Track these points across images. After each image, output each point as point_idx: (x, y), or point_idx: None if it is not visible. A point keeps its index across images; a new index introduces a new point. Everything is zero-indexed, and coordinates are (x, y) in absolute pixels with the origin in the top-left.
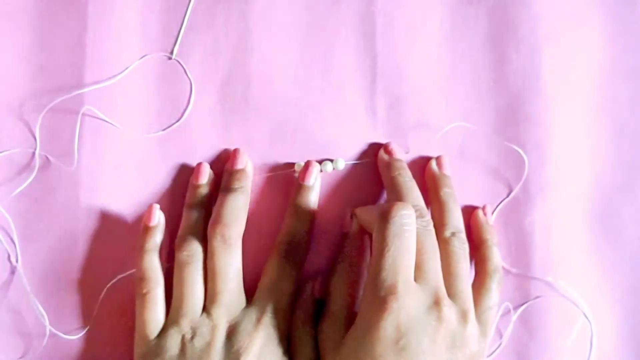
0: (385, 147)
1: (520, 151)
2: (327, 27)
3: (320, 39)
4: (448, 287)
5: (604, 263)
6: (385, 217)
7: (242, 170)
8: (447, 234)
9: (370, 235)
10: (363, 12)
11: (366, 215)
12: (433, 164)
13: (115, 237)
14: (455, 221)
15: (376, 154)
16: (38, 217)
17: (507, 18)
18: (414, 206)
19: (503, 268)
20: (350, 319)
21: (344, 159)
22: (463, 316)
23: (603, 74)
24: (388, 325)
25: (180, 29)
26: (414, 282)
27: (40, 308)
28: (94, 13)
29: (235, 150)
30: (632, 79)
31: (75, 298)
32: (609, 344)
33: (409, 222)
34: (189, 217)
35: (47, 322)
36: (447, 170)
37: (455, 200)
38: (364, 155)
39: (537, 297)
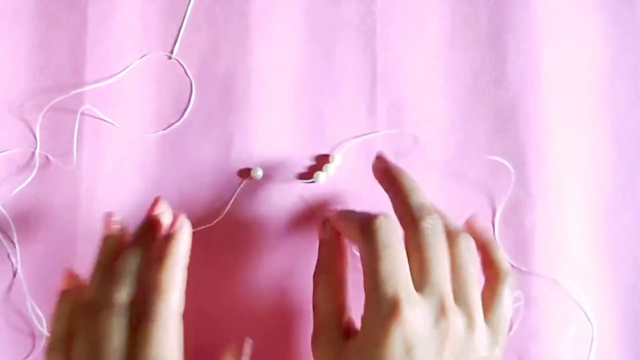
0: (377, 157)
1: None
2: (327, 26)
3: (320, 38)
4: (455, 291)
5: (604, 262)
6: (368, 231)
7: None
8: (453, 234)
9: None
10: (363, 11)
11: (344, 224)
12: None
13: None
14: (450, 219)
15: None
16: (38, 216)
17: (507, 18)
18: (419, 205)
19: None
20: (340, 327)
21: (344, 158)
22: (470, 324)
23: (603, 74)
24: (395, 342)
25: (180, 28)
26: (415, 293)
27: (38, 311)
28: (94, 13)
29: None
30: (632, 79)
31: None
32: (609, 344)
33: (394, 231)
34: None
35: (44, 327)
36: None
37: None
38: (364, 154)
39: (538, 297)
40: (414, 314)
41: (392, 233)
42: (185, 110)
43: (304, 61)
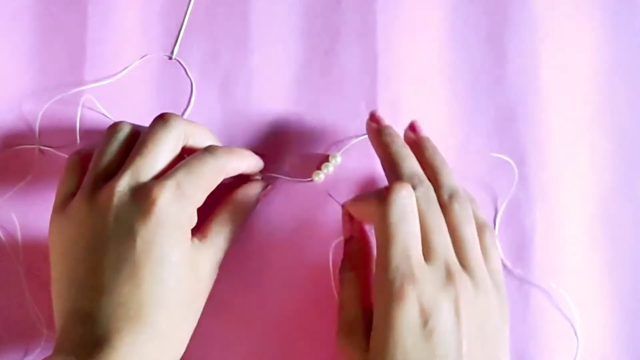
0: (371, 115)
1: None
2: (328, 26)
3: (321, 38)
4: (457, 254)
5: (603, 263)
6: (385, 202)
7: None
8: (445, 197)
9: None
10: (364, 10)
11: (360, 205)
12: (408, 132)
13: None
14: (448, 180)
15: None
16: (38, 214)
17: (507, 18)
18: (411, 173)
19: (505, 267)
20: (366, 330)
21: (343, 157)
22: (477, 283)
23: (603, 74)
24: (411, 313)
25: (180, 29)
26: (425, 263)
27: (36, 310)
28: (94, 13)
29: None
30: (632, 79)
31: None
32: (608, 344)
33: (410, 202)
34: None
35: (44, 326)
36: (423, 132)
37: (441, 158)
38: (363, 154)
39: (537, 297)
40: (425, 284)
41: (408, 204)
42: (185, 110)
43: (304, 60)
